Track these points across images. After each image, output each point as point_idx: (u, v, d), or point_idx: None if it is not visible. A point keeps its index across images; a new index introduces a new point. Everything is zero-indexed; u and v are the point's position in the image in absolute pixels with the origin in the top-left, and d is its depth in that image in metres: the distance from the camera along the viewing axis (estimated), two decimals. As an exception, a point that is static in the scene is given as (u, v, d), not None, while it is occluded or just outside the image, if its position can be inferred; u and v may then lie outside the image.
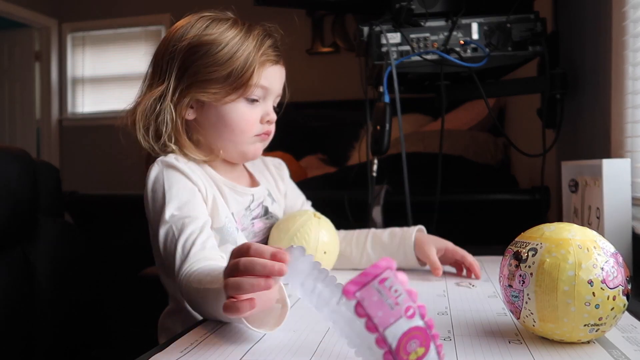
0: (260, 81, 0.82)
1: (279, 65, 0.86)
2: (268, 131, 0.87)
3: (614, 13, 0.98)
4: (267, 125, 0.86)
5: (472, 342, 0.50)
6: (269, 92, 0.85)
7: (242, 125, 0.83)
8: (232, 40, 0.81)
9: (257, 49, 0.82)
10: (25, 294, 0.99)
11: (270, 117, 0.86)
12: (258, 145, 0.88)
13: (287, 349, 0.50)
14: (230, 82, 0.80)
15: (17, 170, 0.97)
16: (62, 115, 4.43)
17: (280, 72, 0.87)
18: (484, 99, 1.27)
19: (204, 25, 0.83)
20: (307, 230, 0.84)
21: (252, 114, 0.84)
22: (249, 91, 0.82)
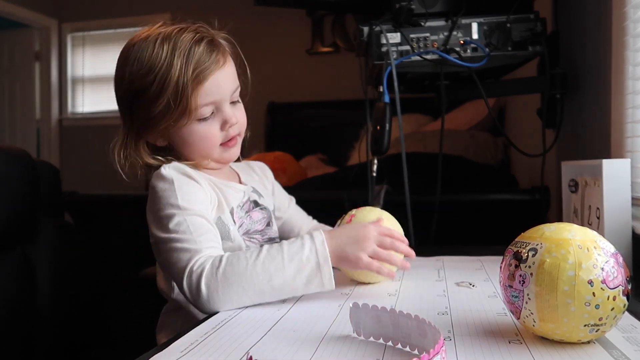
0: (202, 100, 0.80)
1: (218, 70, 0.82)
2: (232, 136, 0.85)
3: (614, 13, 0.98)
4: (230, 131, 0.85)
5: (472, 342, 0.50)
6: (219, 102, 0.83)
7: (203, 144, 0.84)
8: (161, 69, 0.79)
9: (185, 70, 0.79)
10: (25, 294, 0.99)
11: (230, 122, 0.83)
12: (231, 150, 0.87)
13: (287, 348, 0.50)
14: (171, 113, 0.80)
15: (17, 170, 0.97)
16: (62, 115, 4.43)
17: (222, 76, 0.83)
18: (484, 99, 1.27)
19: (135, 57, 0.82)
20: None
21: (209, 130, 0.83)
22: (194, 114, 0.80)
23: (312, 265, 0.69)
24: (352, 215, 0.82)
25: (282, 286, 0.69)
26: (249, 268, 0.68)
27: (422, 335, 0.47)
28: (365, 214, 0.81)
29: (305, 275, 0.69)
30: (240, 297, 0.68)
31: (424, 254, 1.00)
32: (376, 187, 1.30)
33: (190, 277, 0.70)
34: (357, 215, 0.81)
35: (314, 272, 0.69)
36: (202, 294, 0.68)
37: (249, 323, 0.59)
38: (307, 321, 0.59)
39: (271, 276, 0.68)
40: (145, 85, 0.80)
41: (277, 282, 0.68)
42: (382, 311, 0.51)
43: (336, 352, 0.49)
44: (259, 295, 0.69)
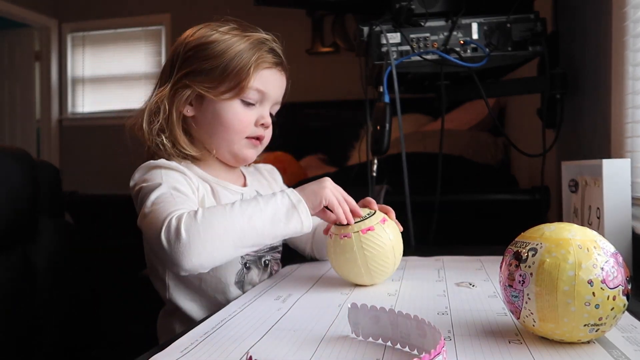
0: (256, 84, 0.84)
1: (276, 70, 0.87)
2: (261, 136, 0.88)
3: (614, 13, 0.98)
4: (261, 129, 0.87)
5: (472, 342, 0.50)
6: (266, 96, 0.86)
7: (236, 125, 0.85)
8: (230, 39, 0.84)
9: (253, 51, 0.84)
10: (25, 294, 0.99)
11: (265, 121, 0.86)
12: (251, 150, 0.88)
13: (287, 348, 0.50)
14: (224, 78, 0.82)
15: (17, 170, 0.97)
16: (62, 115, 4.43)
17: (278, 77, 0.88)
18: (484, 99, 1.27)
19: (207, 30, 0.86)
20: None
21: (246, 115, 0.85)
22: (244, 92, 0.83)
23: (288, 206, 0.73)
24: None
25: (263, 226, 0.70)
26: (227, 212, 0.70)
27: (422, 336, 0.47)
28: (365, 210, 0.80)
29: (283, 213, 0.72)
30: (222, 240, 0.67)
31: (424, 254, 1.00)
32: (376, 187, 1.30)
33: (168, 227, 0.67)
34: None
35: (291, 210, 0.72)
36: (182, 238, 0.65)
37: (249, 323, 0.59)
38: (307, 321, 0.59)
39: (250, 217, 0.70)
40: (211, 42, 0.83)
41: (258, 222, 0.70)
42: (381, 311, 0.51)
43: (336, 352, 0.49)
44: (241, 236, 0.69)
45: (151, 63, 4.21)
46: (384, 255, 0.74)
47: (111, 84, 4.31)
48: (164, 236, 0.67)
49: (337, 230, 0.77)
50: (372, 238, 0.74)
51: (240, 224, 0.69)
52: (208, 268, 0.70)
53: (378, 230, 0.75)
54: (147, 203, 0.74)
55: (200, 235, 0.66)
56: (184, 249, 0.65)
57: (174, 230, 0.66)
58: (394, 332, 0.50)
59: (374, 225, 0.75)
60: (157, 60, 4.20)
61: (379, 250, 0.74)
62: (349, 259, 0.74)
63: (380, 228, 0.75)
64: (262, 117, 0.86)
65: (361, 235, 0.74)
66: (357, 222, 0.76)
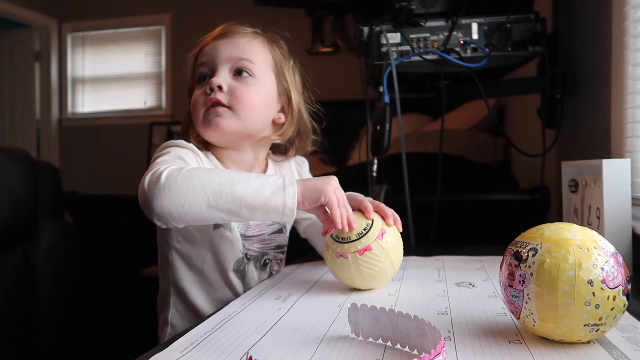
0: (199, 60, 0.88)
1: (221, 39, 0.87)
2: (213, 99, 0.84)
3: (614, 13, 0.98)
4: (211, 95, 0.84)
5: (472, 342, 0.50)
6: (211, 65, 0.86)
7: (193, 104, 0.87)
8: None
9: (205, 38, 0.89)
10: (25, 294, 0.99)
11: (211, 84, 0.84)
12: (213, 118, 0.84)
13: (287, 348, 0.50)
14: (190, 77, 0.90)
15: (17, 170, 0.97)
16: (62, 115, 4.43)
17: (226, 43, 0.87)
18: (484, 99, 1.27)
19: None
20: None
21: (197, 90, 0.87)
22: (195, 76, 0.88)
23: (277, 185, 0.70)
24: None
25: (243, 193, 0.68)
26: (214, 172, 0.70)
27: (422, 336, 0.47)
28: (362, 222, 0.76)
29: (269, 189, 0.69)
30: (196, 192, 0.67)
31: (424, 254, 1.00)
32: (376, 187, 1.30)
33: (154, 172, 0.69)
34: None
35: (278, 189, 0.69)
36: (160, 181, 0.67)
37: (249, 323, 0.59)
38: (307, 321, 0.59)
39: (234, 181, 0.68)
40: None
41: (239, 187, 0.68)
42: (381, 311, 0.51)
43: (336, 352, 0.49)
44: (217, 196, 0.67)
45: (151, 63, 4.21)
46: (383, 271, 0.73)
47: (111, 84, 4.31)
48: (147, 179, 0.69)
49: (333, 246, 0.73)
50: (369, 259, 0.71)
51: (220, 183, 0.68)
52: (178, 220, 0.69)
53: (375, 248, 0.71)
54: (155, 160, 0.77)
55: (177, 183, 0.67)
56: (158, 192, 0.67)
57: (157, 175, 0.68)
58: (394, 332, 0.50)
59: (371, 244, 0.71)
60: (157, 60, 4.20)
61: (377, 269, 0.72)
62: (347, 276, 0.73)
63: (377, 246, 0.72)
64: (209, 83, 0.85)
65: (358, 256, 0.71)
66: (354, 240, 0.72)
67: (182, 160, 0.78)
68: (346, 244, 0.72)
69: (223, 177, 0.69)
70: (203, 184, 0.67)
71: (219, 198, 0.67)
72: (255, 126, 0.87)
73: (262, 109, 0.87)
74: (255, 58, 0.87)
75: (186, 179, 0.67)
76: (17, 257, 0.99)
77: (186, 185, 0.67)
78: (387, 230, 0.74)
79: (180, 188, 0.67)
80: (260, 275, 0.91)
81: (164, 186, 0.67)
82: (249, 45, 0.87)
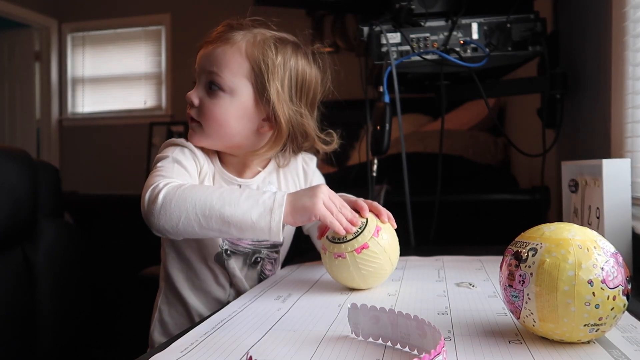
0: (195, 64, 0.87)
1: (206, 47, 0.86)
2: (188, 114, 0.86)
3: (614, 13, 0.98)
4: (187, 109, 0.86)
5: (472, 342, 0.50)
6: (199, 74, 0.86)
7: None
8: None
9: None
10: (25, 294, 0.99)
11: (187, 99, 0.85)
12: (190, 131, 0.87)
13: (287, 348, 0.50)
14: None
15: (17, 170, 0.97)
16: (62, 115, 4.43)
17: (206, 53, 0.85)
18: (484, 99, 1.27)
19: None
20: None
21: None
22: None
23: (266, 207, 0.72)
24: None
25: (231, 216, 0.72)
26: (206, 192, 0.73)
27: (422, 336, 0.47)
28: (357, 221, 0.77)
29: (256, 213, 0.72)
30: (188, 215, 0.72)
31: (424, 254, 1.00)
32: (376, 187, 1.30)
33: (154, 189, 0.74)
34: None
35: (266, 213, 0.72)
36: (157, 202, 0.72)
37: (249, 323, 0.59)
38: (307, 321, 0.59)
39: (224, 204, 0.72)
40: None
41: (227, 211, 0.72)
42: (381, 311, 0.51)
43: (336, 352, 0.49)
44: (207, 219, 0.72)
45: (151, 63, 4.21)
46: (381, 268, 0.73)
47: (111, 84, 4.31)
48: (147, 195, 0.74)
49: (330, 248, 0.74)
50: (367, 257, 0.72)
51: (211, 206, 0.72)
52: (174, 235, 0.75)
53: (372, 246, 0.72)
54: (156, 165, 0.82)
55: (171, 204, 0.72)
56: (155, 212, 0.73)
57: (155, 194, 0.73)
58: (394, 332, 0.50)
59: (368, 242, 0.72)
60: (157, 60, 4.20)
61: (376, 266, 0.72)
62: (346, 276, 0.74)
63: (374, 243, 0.72)
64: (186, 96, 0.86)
65: (355, 255, 0.71)
66: (350, 239, 0.72)
67: (180, 164, 0.81)
68: (343, 244, 0.73)
69: (215, 199, 0.72)
70: (195, 207, 0.72)
71: (209, 220, 0.72)
72: (231, 140, 0.86)
73: (232, 124, 0.84)
74: (226, 70, 0.83)
75: (179, 202, 0.72)
76: (17, 257, 0.99)
77: (179, 207, 0.72)
78: (382, 227, 0.75)
79: (174, 210, 0.72)
80: (248, 272, 0.91)
81: (160, 207, 0.72)
82: (222, 56, 0.83)
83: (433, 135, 2.07)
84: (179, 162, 0.82)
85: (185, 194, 0.72)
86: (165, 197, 0.72)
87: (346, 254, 0.72)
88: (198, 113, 0.84)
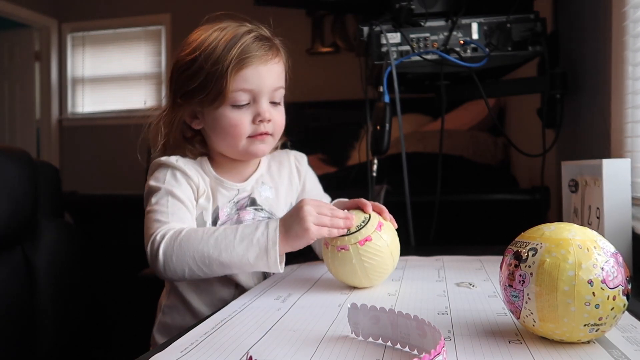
0: (239, 85, 0.83)
1: (259, 64, 0.84)
2: (263, 132, 0.86)
3: (614, 13, 0.98)
4: (261, 126, 0.86)
5: (472, 342, 0.50)
6: (255, 93, 0.85)
7: (232, 131, 0.86)
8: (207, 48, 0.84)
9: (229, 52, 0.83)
10: (26, 294, 0.99)
11: (262, 117, 0.85)
12: (260, 145, 0.88)
13: (287, 348, 0.50)
14: (208, 90, 0.84)
15: (17, 170, 0.97)
16: (62, 115, 4.43)
17: (263, 70, 0.85)
18: (484, 99, 1.27)
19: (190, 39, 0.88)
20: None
21: (240, 118, 0.85)
22: (227, 99, 0.84)
23: (261, 248, 0.74)
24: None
25: (229, 262, 0.75)
26: (202, 242, 0.75)
27: (422, 336, 0.47)
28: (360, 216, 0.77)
29: (253, 255, 0.74)
30: (190, 266, 0.75)
31: (424, 254, 1.00)
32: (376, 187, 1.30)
33: (152, 244, 0.77)
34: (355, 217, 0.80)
35: (262, 254, 0.74)
36: (159, 260, 0.76)
37: (249, 323, 0.59)
38: (307, 321, 0.59)
39: (220, 252, 0.74)
40: (190, 60, 0.85)
41: (225, 258, 0.74)
42: (381, 311, 0.51)
43: (336, 352, 0.49)
44: (208, 267, 0.75)
45: (151, 63, 4.21)
46: (383, 262, 0.73)
47: (111, 84, 4.31)
48: (148, 249, 0.78)
49: (333, 241, 0.75)
50: (370, 249, 0.72)
51: (209, 256, 0.74)
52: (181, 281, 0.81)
53: (375, 239, 0.73)
54: (147, 205, 0.83)
55: (172, 261, 0.76)
56: (160, 268, 0.77)
57: (155, 248, 0.77)
58: (394, 332, 0.50)
59: (371, 235, 0.73)
60: (157, 60, 4.20)
61: (378, 259, 0.73)
62: (348, 270, 0.74)
63: (377, 236, 0.73)
64: (258, 115, 0.85)
65: (359, 247, 0.72)
66: (354, 232, 0.74)
67: (174, 197, 0.83)
68: (347, 237, 0.74)
69: (211, 248, 0.74)
70: (194, 259, 0.75)
71: (211, 267, 0.75)
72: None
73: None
74: (284, 82, 0.90)
75: (180, 257, 0.75)
76: (17, 257, 0.99)
77: (181, 262, 0.75)
78: (385, 224, 0.76)
79: (177, 265, 0.76)
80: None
81: (163, 264, 0.76)
82: (281, 70, 0.89)
83: (433, 135, 2.07)
84: (172, 194, 0.83)
85: (182, 248, 0.75)
86: (165, 253, 0.75)
87: (349, 246, 0.73)
88: (272, 127, 0.88)
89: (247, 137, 0.87)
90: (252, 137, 0.87)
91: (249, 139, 0.87)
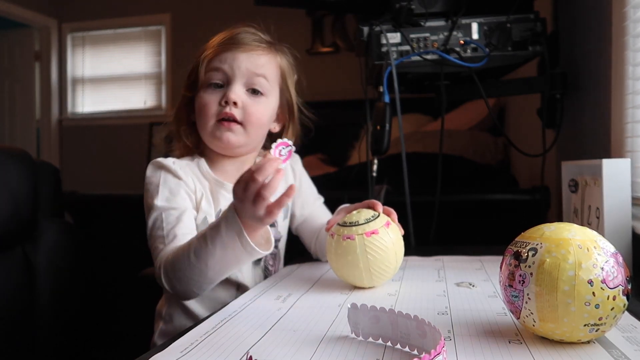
0: (215, 64, 0.87)
1: (243, 51, 0.87)
2: (226, 113, 0.86)
3: (614, 13, 0.98)
4: (226, 107, 0.86)
5: (472, 342, 0.50)
6: (230, 75, 0.87)
7: (201, 111, 0.88)
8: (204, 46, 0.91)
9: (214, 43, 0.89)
10: (26, 294, 0.99)
11: (227, 97, 0.86)
12: (226, 133, 0.87)
13: (287, 348, 0.50)
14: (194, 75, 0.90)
15: (17, 170, 0.97)
16: (62, 115, 4.43)
17: (245, 56, 0.87)
18: (484, 99, 1.27)
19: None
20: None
21: (210, 98, 0.87)
22: (205, 77, 0.87)
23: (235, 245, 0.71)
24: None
25: (221, 268, 0.75)
26: (190, 264, 0.74)
27: (422, 336, 0.47)
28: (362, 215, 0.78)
29: (233, 255, 0.73)
30: (194, 287, 0.76)
31: (424, 254, 1.00)
32: (376, 187, 1.30)
33: (159, 277, 0.79)
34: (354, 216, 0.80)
35: (240, 250, 0.72)
36: (166, 286, 0.78)
37: (249, 323, 0.59)
38: (307, 321, 0.60)
39: (207, 263, 0.74)
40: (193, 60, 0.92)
41: (214, 266, 0.74)
42: (381, 311, 0.51)
43: (336, 352, 0.49)
44: (207, 278, 0.76)
45: (151, 63, 4.21)
46: (386, 259, 0.73)
47: (111, 84, 4.31)
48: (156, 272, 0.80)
49: (339, 231, 0.75)
50: (375, 242, 0.73)
51: (203, 273, 0.74)
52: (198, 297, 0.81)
53: (382, 234, 0.74)
54: (147, 222, 0.84)
55: (177, 289, 0.78)
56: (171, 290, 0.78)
57: (160, 275, 0.78)
58: (394, 332, 0.50)
59: (379, 229, 0.74)
60: (157, 60, 4.20)
61: (382, 254, 0.73)
62: (350, 261, 0.73)
63: (384, 232, 0.74)
64: (225, 96, 0.86)
65: (365, 238, 0.73)
66: (362, 224, 0.74)
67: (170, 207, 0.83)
68: (354, 227, 0.74)
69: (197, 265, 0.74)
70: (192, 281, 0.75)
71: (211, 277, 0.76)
72: (258, 140, 0.93)
73: (266, 126, 0.93)
74: (270, 76, 0.90)
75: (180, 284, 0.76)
76: (17, 257, 0.99)
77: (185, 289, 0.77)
78: (392, 224, 0.77)
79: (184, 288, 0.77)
80: (253, 270, 0.92)
81: (171, 289, 0.78)
82: (266, 61, 0.89)
83: (433, 135, 2.07)
84: (164, 209, 0.83)
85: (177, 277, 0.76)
86: (168, 281, 0.77)
87: (355, 236, 0.73)
88: (242, 114, 0.87)
89: (216, 121, 0.87)
90: (219, 122, 0.87)
91: (216, 124, 0.87)
